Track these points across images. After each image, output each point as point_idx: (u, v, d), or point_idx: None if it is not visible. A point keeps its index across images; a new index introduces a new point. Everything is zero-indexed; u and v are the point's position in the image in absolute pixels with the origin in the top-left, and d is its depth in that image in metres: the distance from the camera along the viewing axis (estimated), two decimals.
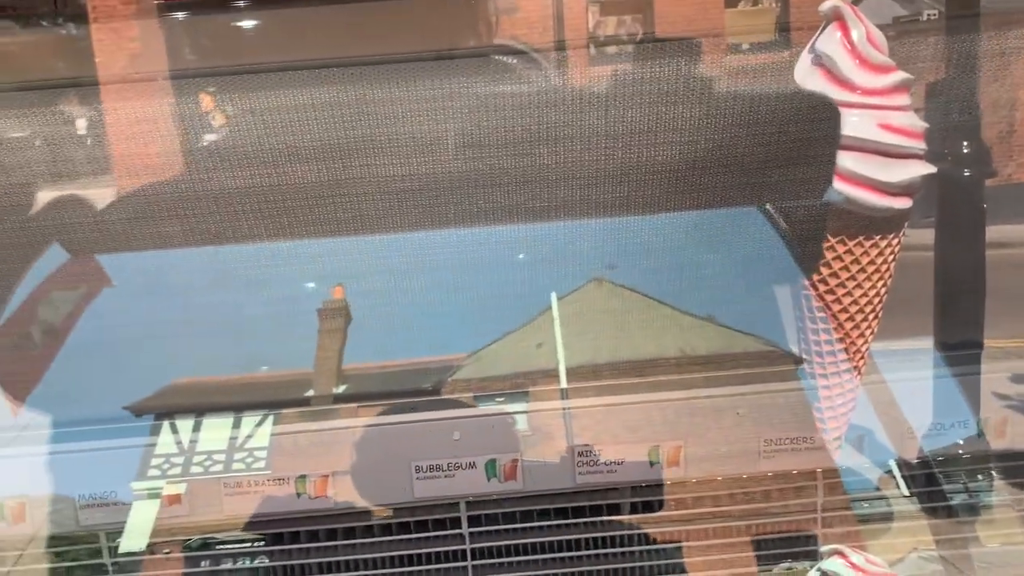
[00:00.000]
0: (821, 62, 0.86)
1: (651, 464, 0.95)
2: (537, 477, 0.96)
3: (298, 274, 0.96)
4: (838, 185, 0.86)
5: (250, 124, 0.88)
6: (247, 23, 0.91)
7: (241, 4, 0.81)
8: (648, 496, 0.98)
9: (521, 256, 0.98)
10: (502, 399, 1.03)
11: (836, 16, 0.85)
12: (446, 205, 0.94)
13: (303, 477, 0.94)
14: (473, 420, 0.96)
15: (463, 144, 0.92)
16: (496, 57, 0.91)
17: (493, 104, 0.91)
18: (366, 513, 0.96)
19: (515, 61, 0.89)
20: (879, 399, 1.01)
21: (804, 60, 0.91)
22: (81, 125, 0.87)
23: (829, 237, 0.90)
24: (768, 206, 0.97)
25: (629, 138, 0.94)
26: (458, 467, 0.95)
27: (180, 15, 0.87)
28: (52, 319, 0.94)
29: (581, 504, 0.97)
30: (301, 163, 0.90)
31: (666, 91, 0.92)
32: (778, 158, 0.95)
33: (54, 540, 0.94)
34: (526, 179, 0.94)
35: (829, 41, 0.86)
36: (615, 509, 0.98)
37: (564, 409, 1.00)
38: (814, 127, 0.95)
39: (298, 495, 0.95)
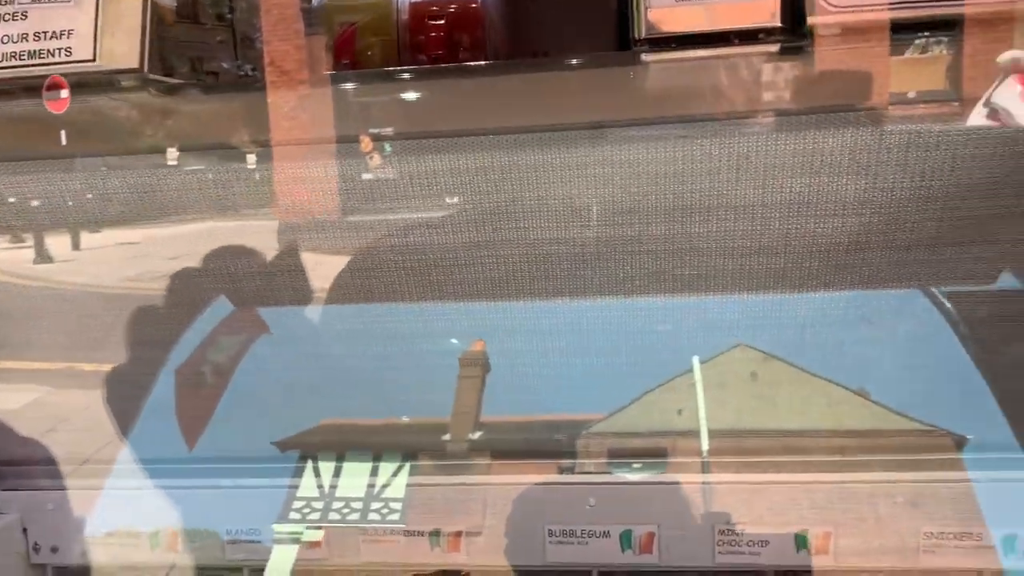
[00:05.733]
0: (998, 116, 0.77)
1: (798, 550, 0.89)
2: (674, 552, 0.91)
3: (446, 330, 0.96)
4: None
5: (406, 188, 0.89)
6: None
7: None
8: None
9: (665, 326, 0.94)
10: (639, 466, 1.00)
11: (1016, 68, 0.76)
12: (594, 271, 0.91)
13: (436, 532, 0.94)
14: (610, 488, 0.93)
15: (615, 211, 0.89)
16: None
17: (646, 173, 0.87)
18: (496, 572, 0.95)
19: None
20: None
21: (978, 112, 0.82)
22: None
23: None
24: (934, 288, 0.89)
25: (790, 209, 0.88)
26: (592, 535, 0.92)
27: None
28: (220, 361, 0.98)
29: None
30: (456, 226, 0.89)
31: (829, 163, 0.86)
32: (950, 234, 0.87)
33: (201, 571, 0.98)
34: (679, 248, 0.90)
35: (1007, 94, 0.76)
36: None
37: (705, 483, 0.95)
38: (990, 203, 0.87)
39: (432, 548, 0.94)
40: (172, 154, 0.86)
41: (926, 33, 0.80)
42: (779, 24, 0.75)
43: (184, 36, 0.77)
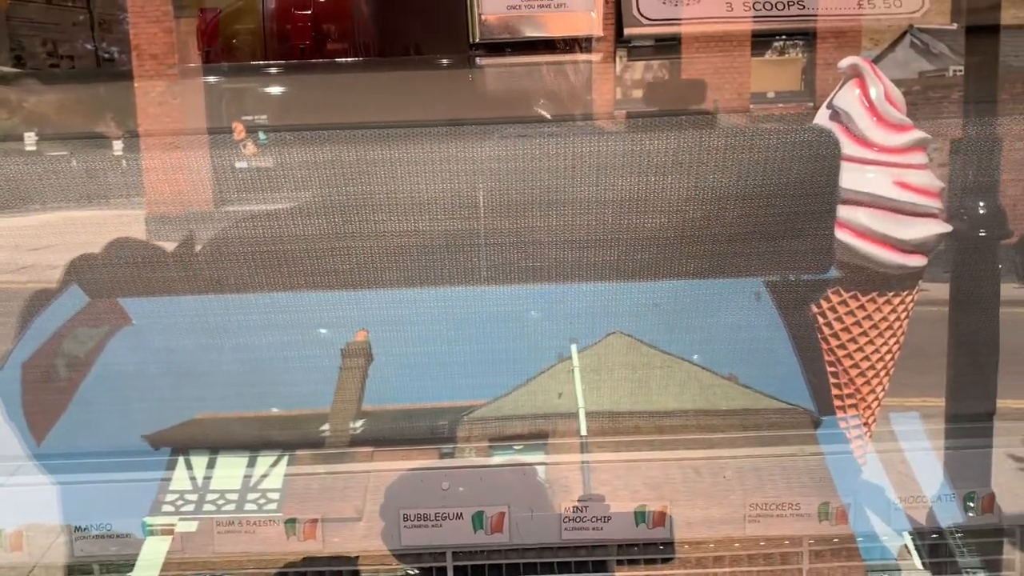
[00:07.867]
0: (839, 118, 0.83)
1: (637, 523, 0.95)
2: (523, 531, 0.95)
3: (319, 321, 0.98)
4: (853, 241, 0.84)
5: (274, 179, 0.91)
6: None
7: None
8: (635, 555, 0.98)
9: (534, 313, 0.99)
10: (495, 450, 1.04)
11: (854, 73, 0.83)
12: (477, 262, 0.96)
13: (292, 521, 0.95)
14: (462, 471, 0.97)
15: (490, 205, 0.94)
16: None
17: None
18: (353, 559, 0.96)
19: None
20: (889, 461, 1.00)
21: (822, 115, 0.88)
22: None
23: (842, 292, 0.88)
24: (781, 272, 0.97)
25: (647, 204, 0.95)
26: (445, 517, 0.95)
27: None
28: (77, 353, 0.97)
29: (566, 559, 0.97)
30: (337, 216, 0.92)
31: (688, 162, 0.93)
32: (790, 221, 0.96)
33: (48, 570, 0.95)
34: (553, 240, 0.96)
35: (847, 97, 0.82)
36: (601, 566, 0.97)
37: (552, 464, 1.00)
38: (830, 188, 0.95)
39: (287, 537, 0.95)
40: (30, 139, 0.86)
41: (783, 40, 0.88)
42: (601, 34, 0.82)
43: (38, 17, 0.78)
